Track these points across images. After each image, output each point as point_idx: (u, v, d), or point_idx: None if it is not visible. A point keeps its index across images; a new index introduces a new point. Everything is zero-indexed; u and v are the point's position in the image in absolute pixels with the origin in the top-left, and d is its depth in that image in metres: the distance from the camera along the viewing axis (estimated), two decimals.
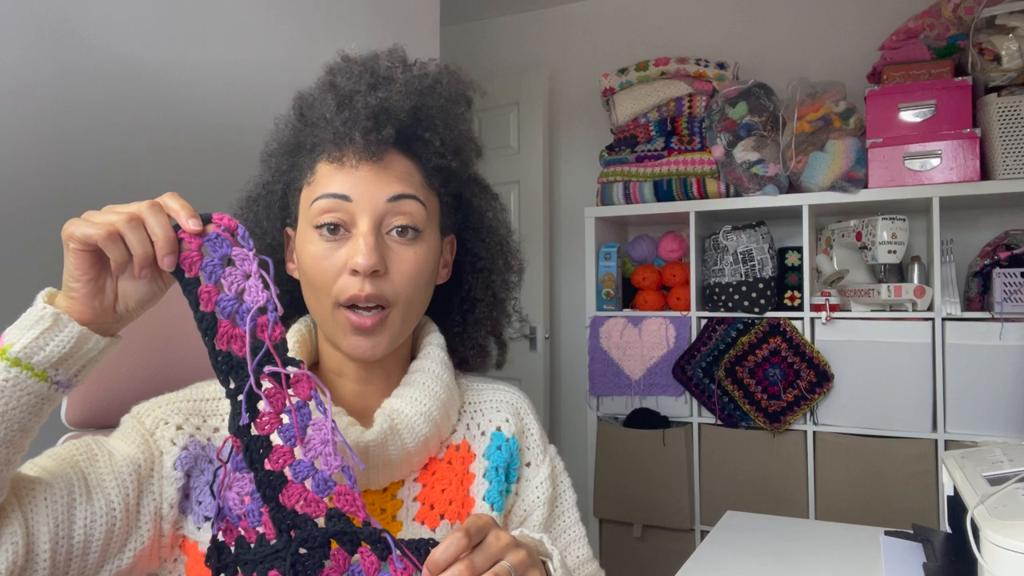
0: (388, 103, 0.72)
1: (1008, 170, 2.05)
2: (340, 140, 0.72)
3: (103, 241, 0.58)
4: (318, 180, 0.74)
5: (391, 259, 0.73)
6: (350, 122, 0.72)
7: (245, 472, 0.57)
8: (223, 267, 0.59)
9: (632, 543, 2.55)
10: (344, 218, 0.72)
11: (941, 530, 1.12)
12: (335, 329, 0.74)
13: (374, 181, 0.72)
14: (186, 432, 0.71)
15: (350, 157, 0.72)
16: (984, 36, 2.10)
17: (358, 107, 0.72)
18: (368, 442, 0.71)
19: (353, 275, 0.71)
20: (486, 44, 3.31)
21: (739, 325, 2.37)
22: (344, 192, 0.71)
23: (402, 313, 0.75)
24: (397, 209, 0.72)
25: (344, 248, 0.72)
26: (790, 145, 2.33)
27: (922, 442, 2.11)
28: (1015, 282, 2.01)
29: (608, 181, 2.63)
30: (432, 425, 0.76)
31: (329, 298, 0.72)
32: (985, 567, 0.75)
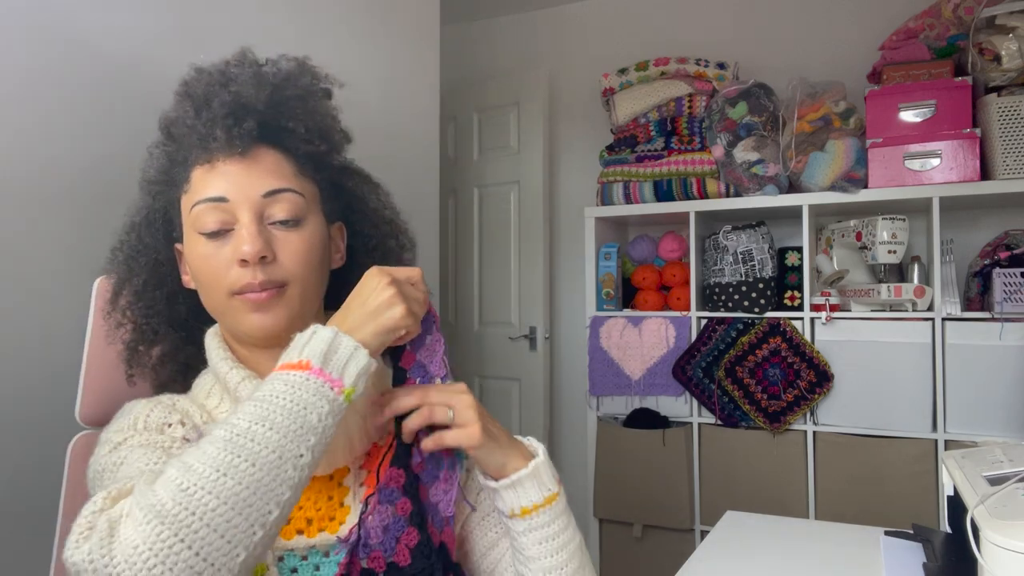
0: (242, 97, 0.74)
1: (1008, 170, 2.05)
2: (205, 141, 0.74)
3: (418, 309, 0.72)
4: (194, 186, 0.75)
5: (278, 246, 0.74)
6: (210, 122, 0.74)
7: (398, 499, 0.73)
8: (423, 342, 0.77)
9: (632, 543, 2.55)
10: (225, 218, 0.73)
11: (941, 530, 1.12)
12: (234, 317, 0.75)
13: (246, 176, 0.74)
14: (187, 425, 0.76)
15: (218, 156, 0.74)
16: (984, 36, 2.10)
17: (215, 106, 0.74)
18: None
19: (243, 265, 0.72)
20: (486, 44, 3.31)
21: (739, 325, 2.37)
22: (220, 194, 0.73)
23: (299, 289, 0.76)
24: (274, 202, 0.74)
25: (230, 243, 0.73)
26: (790, 145, 2.33)
27: (922, 442, 2.11)
28: (1015, 282, 2.01)
29: (608, 181, 2.63)
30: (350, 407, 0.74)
31: (222, 290, 0.74)
32: (985, 567, 0.75)
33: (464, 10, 3.21)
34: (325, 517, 0.76)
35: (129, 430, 0.74)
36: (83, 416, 0.95)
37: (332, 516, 0.76)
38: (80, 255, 1.25)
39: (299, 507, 0.75)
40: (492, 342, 3.10)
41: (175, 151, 0.78)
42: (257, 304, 0.73)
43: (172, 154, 0.79)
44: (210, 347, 0.80)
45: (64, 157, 1.26)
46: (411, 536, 0.72)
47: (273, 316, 0.74)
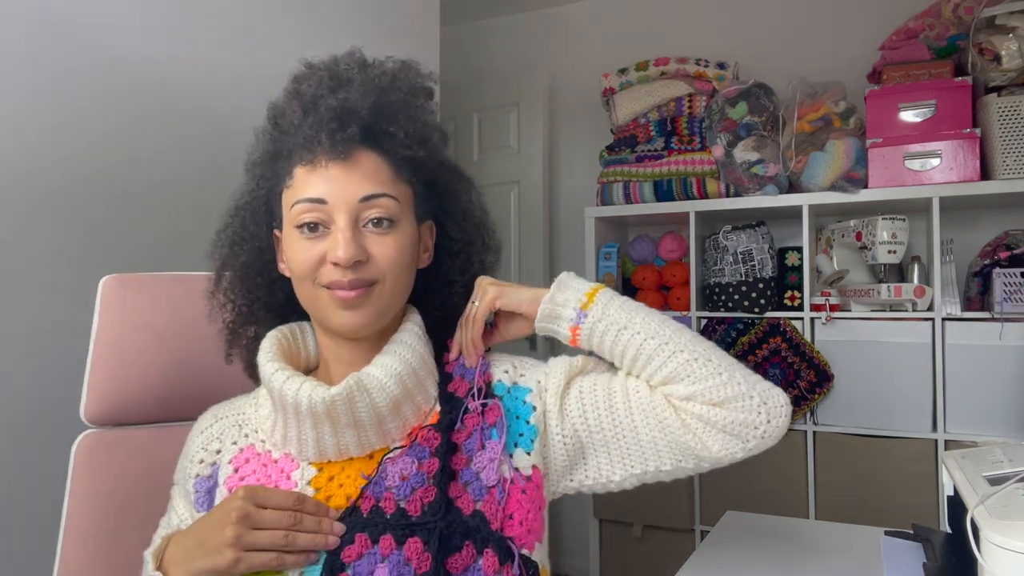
0: (349, 103, 0.76)
1: (1008, 170, 2.05)
2: (309, 143, 0.77)
3: None
4: (296, 184, 0.78)
5: (370, 247, 0.77)
6: (316, 125, 0.76)
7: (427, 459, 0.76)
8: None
9: (632, 543, 2.55)
10: (322, 217, 0.77)
11: (941, 530, 1.12)
12: (322, 309, 0.79)
13: (346, 180, 0.77)
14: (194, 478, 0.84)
15: (320, 159, 0.77)
16: (984, 36, 2.09)
17: (322, 110, 0.77)
18: (333, 396, 0.74)
19: (335, 267, 0.76)
20: (486, 44, 3.31)
21: (739, 325, 2.37)
22: (319, 195, 0.76)
23: (387, 288, 0.79)
24: (370, 206, 0.77)
25: (324, 242, 0.77)
26: (790, 145, 2.32)
27: (922, 442, 2.11)
28: (1015, 282, 2.01)
29: (608, 181, 2.63)
30: (402, 387, 0.78)
31: (313, 282, 0.78)
32: (985, 567, 0.75)
33: (464, 10, 3.21)
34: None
35: (184, 459, 0.86)
36: (88, 415, 0.96)
37: None
38: (85, 253, 1.25)
39: (339, 484, 0.78)
40: None
41: (280, 141, 0.82)
42: (345, 301, 0.77)
43: (277, 142, 0.82)
44: (263, 347, 0.83)
45: (68, 156, 1.26)
46: (428, 492, 0.74)
47: (360, 314, 0.78)
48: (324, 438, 0.77)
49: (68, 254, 1.24)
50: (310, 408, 0.75)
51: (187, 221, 1.37)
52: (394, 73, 0.82)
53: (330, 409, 0.75)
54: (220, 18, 1.57)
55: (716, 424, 0.76)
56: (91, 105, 1.31)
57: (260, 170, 0.85)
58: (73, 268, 1.23)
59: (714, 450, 0.77)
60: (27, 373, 1.18)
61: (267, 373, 0.79)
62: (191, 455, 0.85)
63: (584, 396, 0.81)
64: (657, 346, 0.78)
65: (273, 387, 0.78)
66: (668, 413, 0.78)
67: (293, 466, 0.79)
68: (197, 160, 1.50)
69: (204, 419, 0.88)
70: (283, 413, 0.78)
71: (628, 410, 0.79)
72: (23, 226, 1.19)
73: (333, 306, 0.78)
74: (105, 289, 0.98)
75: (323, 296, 0.78)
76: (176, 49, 1.47)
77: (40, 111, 1.23)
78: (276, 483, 0.79)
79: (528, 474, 0.79)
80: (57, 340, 1.20)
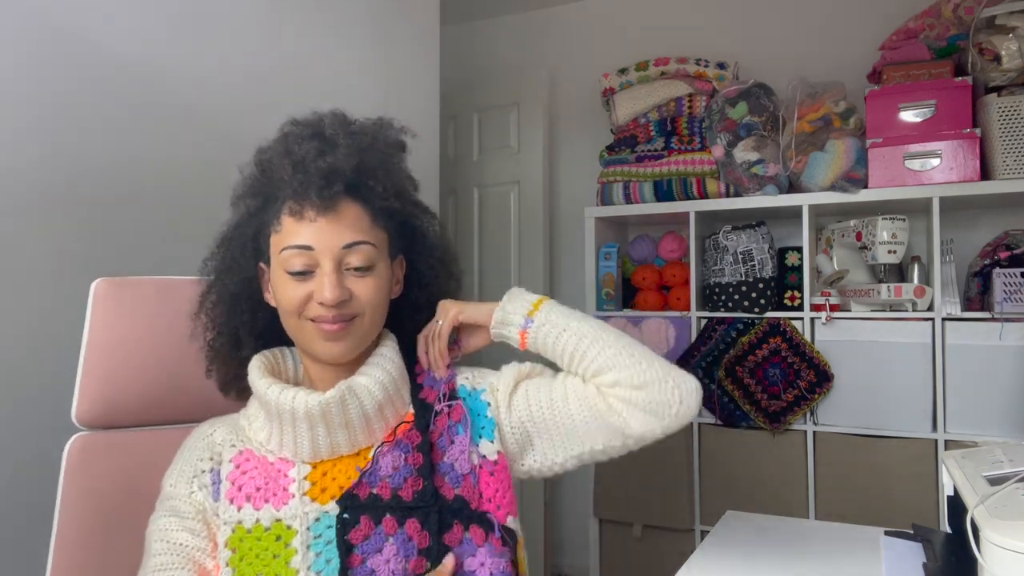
0: (335, 165, 0.87)
1: (1008, 170, 2.05)
2: (298, 197, 0.87)
3: None
4: (284, 231, 0.88)
5: (353, 287, 0.89)
6: (305, 183, 0.86)
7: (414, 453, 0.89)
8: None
9: (632, 543, 2.55)
10: (309, 262, 0.87)
11: (941, 530, 1.12)
12: (308, 339, 0.89)
13: (331, 231, 0.87)
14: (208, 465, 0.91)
15: (308, 211, 0.87)
16: (984, 36, 2.09)
17: (311, 171, 0.86)
18: (328, 400, 0.86)
19: (320, 305, 0.86)
20: (486, 44, 3.31)
21: (739, 325, 2.37)
22: (307, 243, 0.87)
23: (368, 320, 0.90)
24: (352, 252, 0.88)
25: (311, 283, 0.87)
26: (790, 145, 2.33)
27: (922, 442, 2.11)
28: (1015, 282, 2.01)
29: (608, 181, 2.63)
30: (385, 392, 0.90)
31: (299, 317, 0.88)
32: (985, 567, 0.75)
33: (464, 10, 3.21)
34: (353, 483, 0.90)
35: (170, 487, 0.90)
36: (79, 418, 0.95)
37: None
38: (77, 256, 1.24)
39: (332, 478, 0.88)
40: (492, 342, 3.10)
41: (268, 186, 0.91)
42: (330, 333, 0.88)
43: (265, 187, 0.92)
44: (252, 366, 0.92)
45: (60, 158, 1.26)
46: (417, 482, 0.87)
47: (342, 344, 0.89)
48: (318, 439, 0.88)
49: (61, 255, 1.24)
50: (306, 412, 0.86)
51: (184, 223, 1.37)
52: (374, 133, 0.93)
53: (324, 412, 0.86)
54: (219, 18, 1.57)
55: (638, 405, 0.89)
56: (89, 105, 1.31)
57: (247, 207, 0.94)
58: (64, 270, 1.23)
59: (635, 427, 0.91)
60: (19, 376, 1.18)
61: (261, 388, 0.88)
62: (196, 456, 0.91)
63: (529, 393, 0.96)
64: (589, 344, 0.92)
65: (268, 399, 0.87)
66: (598, 400, 0.92)
67: (289, 465, 0.90)
68: (195, 161, 1.50)
69: (202, 428, 0.96)
70: (278, 421, 0.88)
71: (565, 401, 0.93)
72: (15, 227, 1.19)
73: (318, 337, 0.88)
74: (97, 292, 0.98)
75: (309, 328, 0.88)
76: (176, 49, 1.47)
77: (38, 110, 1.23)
78: (274, 479, 0.88)
79: (494, 459, 0.92)
80: (49, 342, 1.20)
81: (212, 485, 0.89)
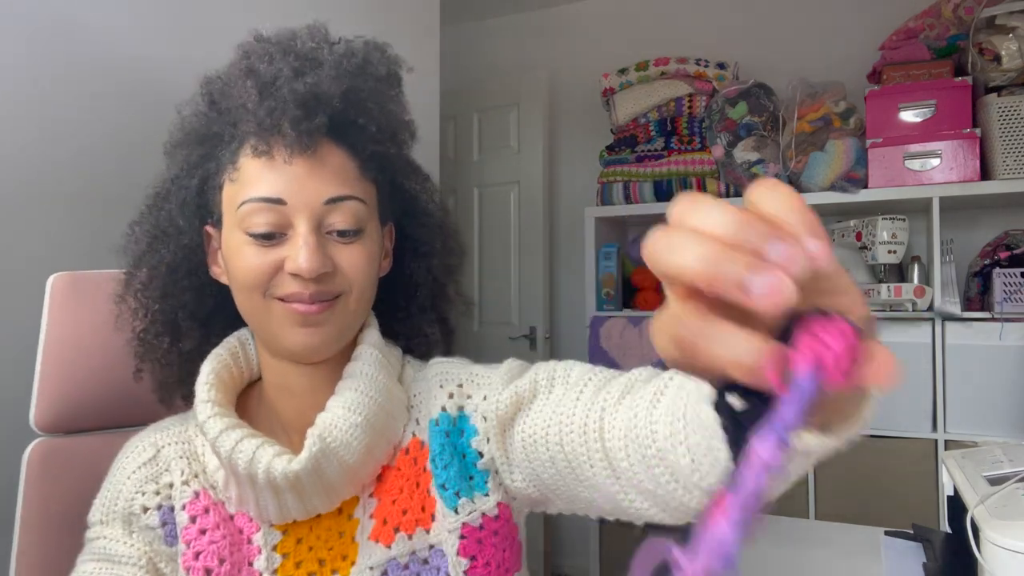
0: (318, 88, 0.65)
1: (1008, 170, 2.05)
2: (266, 132, 0.64)
3: None
4: (244, 178, 0.65)
5: (334, 256, 0.66)
6: (277, 112, 0.64)
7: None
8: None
9: (632, 543, 2.54)
10: (280, 221, 0.64)
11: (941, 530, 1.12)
12: (276, 326, 0.66)
13: (308, 179, 0.65)
14: (154, 500, 0.70)
15: (280, 151, 0.64)
16: (984, 36, 2.09)
17: (284, 94, 0.64)
18: (296, 472, 0.64)
19: (293, 277, 0.64)
20: (486, 44, 3.31)
21: None
22: (276, 195, 0.64)
23: (355, 300, 0.68)
24: (335, 210, 0.66)
25: (280, 249, 0.65)
26: (790, 145, 2.32)
27: (922, 442, 2.11)
28: (1015, 282, 2.01)
29: (608, 181, 2.63)
30: (372, 433, 0.67)
31: (263, 295, 0.65)
32: (985, 567, 0.75)
33: (464, 10, 3.21)
34: (337, 556, 0.69)
35: (100, 514, 0.71)
36: (38, 422, 0.89)
37: (345, 554, 0.69)
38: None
39: (309, 547, 0.69)
40: (492, 342, 3.10)
41: (220, 124, 0.69)
42: (305, 317, 0.65)
43: (214, 124, 0.69)
44: (199, 384, 0.70)
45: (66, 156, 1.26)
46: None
47: (322, 332, 0.66)
48: (287, 504, 0.67)
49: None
50: (267, 482, 0.65)
51: None
52: (365, 55, 0.70)
53: (293, 483, 0.65)
54: (220, 16, 1.57)
55: None
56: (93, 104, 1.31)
57: (187, 153, 0.71)
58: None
59: None
60: None
61: (211, 432, 0.66)
62: (133, 486, 0.70)
63: (527, 445, 0.67)
64: None
65: (219, 452, 0.66)
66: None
67: (253, 527, 0.69)
68: None
69: (138, 449, 0.73)
70: (234, 477, 0.67)
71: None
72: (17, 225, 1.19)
73: (289, 322, 0.65)
74: (55, 287, 0.91)
75: (277, 310, 0.65)
76: (177, 47, 1.47)
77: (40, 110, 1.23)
78: (238, 547, 0.69)
79: (495, 514, 0.69)
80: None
81: (163, 527, 0.69)
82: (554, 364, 0.72)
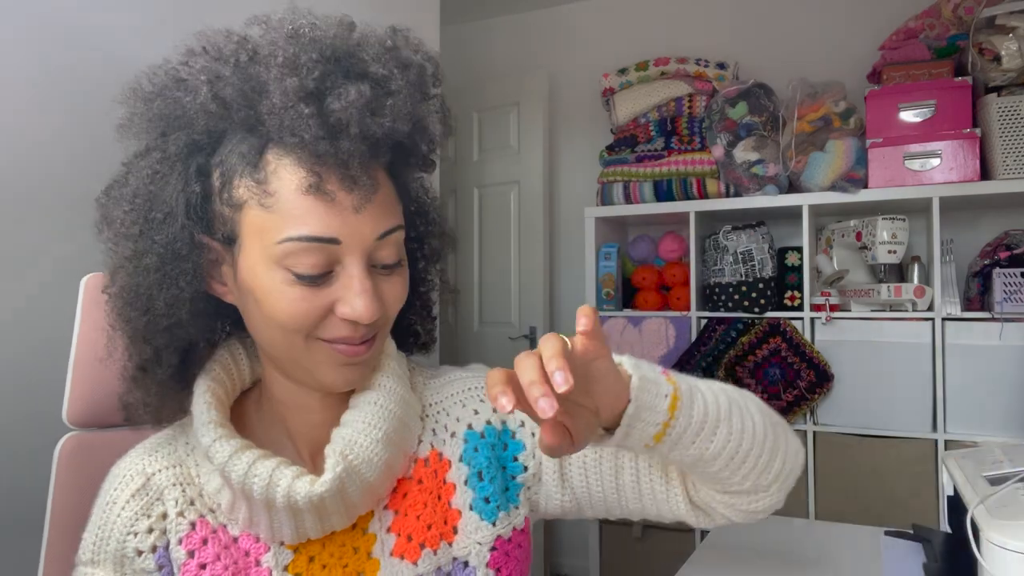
0: (393, 128, 0.58)
1: (1008, 170, 2.05)
2: (321, 164, 0.57)
3: None
4: (285, 209, 0.57)
5: (379, 291, 0.62)
6: (344, 152, 0.56)
7: None
8: None
9: (632, 543, 2.54)
10: (328, 260, 0.58)
11: (941, 530, 1.12)
12: (312, 364, 0.62)
13: (363, 214, 0.58)
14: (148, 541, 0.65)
15: (333, 184, 0.57)
16: (984, 36, 2.09)
17: (354, 130, 0.56)
18: (321, 494, 0.61)
19: (344, 322, 0.60)
20: (486, 44, 3.31)
21: (739, 325, 2.37)
22: (331, 235, 0.57)
23: (387, 329, 0.66)
24: (384, 244, 0.61)
25: (329, 290, 0.59)
26: (790, 145, 2.33)
27: (922, 442, 2.11)
28: (1015, 282, 2.01)
29: (608, 181, 2.63)
30: (391, 447, 0.65)
31: (306, 337, 0.61)
32: (985, 567, 0.75)
33: (464, 10, 3.21)
34: (353, 573, 0.66)
35: (90, 553, 0.65)
36: (71, 417, 0.92)
37: (360, 571, 0.67)
38: (68, 253, 1.23)
39: (322, 565, 0.66)
40: (492, 342, 3.10)
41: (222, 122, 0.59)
42: (351, 358, 0.62)
43: (221, 122, 0.60)
44: (197, 404, 0.64)
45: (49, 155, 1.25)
46: None
47: (361, 369, 0.64)
48: (304, 524, 0.64)
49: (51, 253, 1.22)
50: (287, 505, 0.61)
51: None
52: (421, 72, 0.62)
53: (317, 505, 0.62)
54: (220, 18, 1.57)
55: (747, 513, 0.70)
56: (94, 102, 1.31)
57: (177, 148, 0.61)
58: (55, 267, 1.21)
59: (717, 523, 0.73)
60: (8, 375, 1.16)
61: (218, 457, 0.61)
62: (120, 528, 0.64)
63: (589, 469, 0.70)
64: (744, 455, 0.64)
65: (231, 477, 0.61)
66: (679, 505, 0.69)
67: (260, 548, 0.65)
68: None
69: (126, 478, 0.66)
70: (245, 501, 0.63)
71: (637, 493, 0.70)
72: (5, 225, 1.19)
73: (331, 363, 0.62)
74: (88, 287, 0.94)
75: (320, 351, 0.61)
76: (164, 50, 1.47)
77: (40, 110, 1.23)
78: (244, 572, 0.64)
79: (523, 527, 0.71)
80: (39, 341, 1.17)
81: (160, 571, 0.64)
82: None
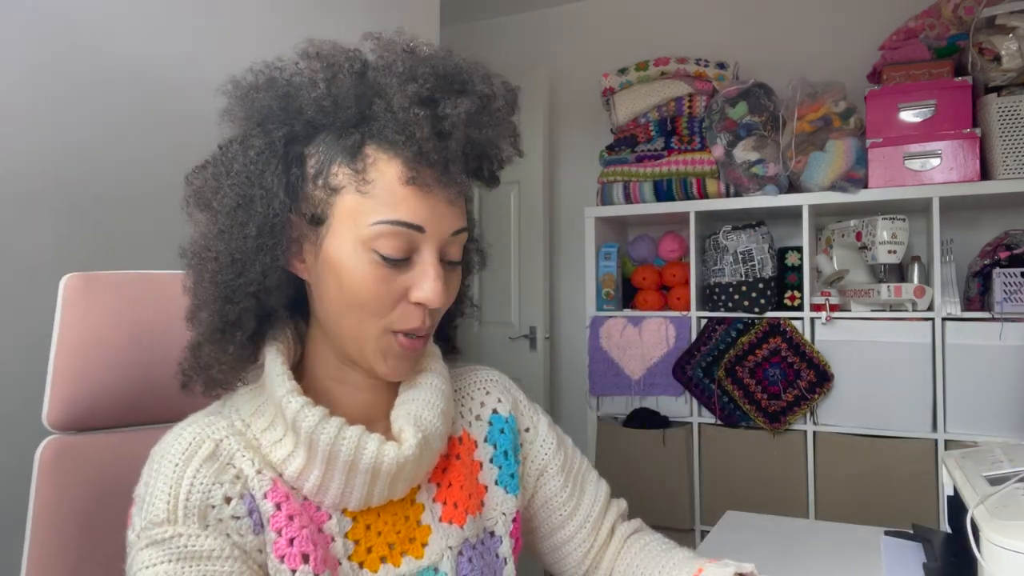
0: (488, 139, 0.67)
1: (1008, 170, 2.05)
2: (425, 162, 0.64)
3: None
4: (382, 195, 0.63)
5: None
6: (449, 152, 0.63)
7: None
8: None
9: None
10: (410, 246, 0.65)
11: (941, 530, 1.12)
12: (378, 352, 0.68)
13: (446, 209, 0.66)
14: (235, 489, 0.64)
15: (428, 179, 0.64)
16: (984, 36, 2.10)
17: (459, 134, 0.63)
18: (407, 457, 0.67)
19: (416, 306, 0.67)
20: (486, 44, 3.31)
21: (739, 325, 2.37)
22: (419, 222, 0.64)
23: (433, 330, 0.72)
24: (455, 241, 0.69)
25: (406, 275, 0.66)
26: (790, 145, 2.33)
27: (922, 442, 2.11)
28: (1015, 282, 2.01)
29: (608, 181, 2.63)
30: (446, 422, 0.74)
31: (380, 323, 0.66)
32: (985, 567, 0.75)
33: (464, 10, 3.21)
34: (405, 539, 0.72)
35: (165, 512, 0.61)
36: (51, 420, 0.90)
37: (412, 537, 0.72)
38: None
39: (378, 532, 0.70)
40: (492, 342, 3.10)
41: (336, 115, 0.65)
42: (409, 352, 0.69)
43: (330, 116, 0.65)
44: (271, 373, 0.67)
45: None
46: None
47: (413, 361, 0.71)
48: (374, 491, 0.68)
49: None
50: (372, 467, 0.66)
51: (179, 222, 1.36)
52: (512, 94, 0.70)
53: (400, 468, 0.67)
54: (220, 17, 1.57)
55: None
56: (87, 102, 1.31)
57: (280, 140, 0.66)
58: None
59: None
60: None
61: (308, 422, 0.64)
62: (202, 482, 0.62)
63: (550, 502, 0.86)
64: None
65: (318, 440, 0.64)
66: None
67: (322, 516, 0.68)
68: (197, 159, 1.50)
69: (193, 444, 0.64)
70: (325, 465, 0.65)
71: (552, 551, 0.87)
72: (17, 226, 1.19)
73: (393, 355, 0.68)
74: (67, 287, 0.92)
75: (386, 341, 0.67)
76: (175, 47, 1.47)
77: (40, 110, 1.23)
78: (316, 534, 0.66)
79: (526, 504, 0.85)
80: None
81: (249, 515, 0.63)
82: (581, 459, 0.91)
